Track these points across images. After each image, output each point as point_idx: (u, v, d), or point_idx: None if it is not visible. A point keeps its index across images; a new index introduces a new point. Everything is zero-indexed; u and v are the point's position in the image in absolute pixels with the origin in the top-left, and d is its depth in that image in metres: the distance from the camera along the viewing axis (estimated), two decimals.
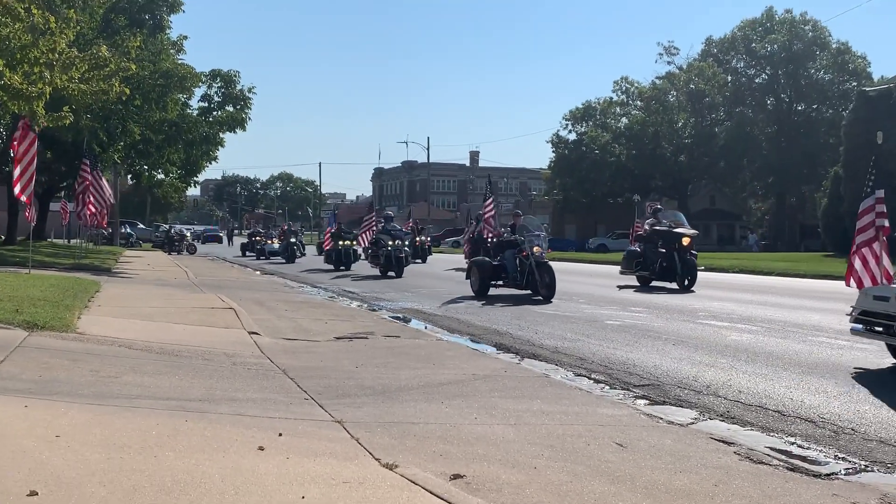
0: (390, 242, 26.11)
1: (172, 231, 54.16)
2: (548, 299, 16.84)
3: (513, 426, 5.99)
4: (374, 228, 28.08)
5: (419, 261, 36.95)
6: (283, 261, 37.72)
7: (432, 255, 43.55)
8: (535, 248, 17.49)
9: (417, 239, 38.84)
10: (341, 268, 30.75)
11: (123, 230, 60.52)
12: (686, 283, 20.09)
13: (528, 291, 17.66)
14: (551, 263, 18.20)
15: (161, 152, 32.11)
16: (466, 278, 18.93)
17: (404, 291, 19.92)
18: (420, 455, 5.04)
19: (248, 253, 47.51)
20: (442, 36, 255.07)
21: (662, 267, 20.52)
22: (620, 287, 21.21)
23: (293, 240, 39.42)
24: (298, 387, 7.23)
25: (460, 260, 38.58)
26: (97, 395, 6.17)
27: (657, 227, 21.37)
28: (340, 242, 31.11)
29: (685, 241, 20.47)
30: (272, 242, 43.34)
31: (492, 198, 23.16)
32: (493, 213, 22.42)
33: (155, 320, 11.69)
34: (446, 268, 31.53)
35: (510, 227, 19.31)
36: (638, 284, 21.49)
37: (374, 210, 30.72)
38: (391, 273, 26.03)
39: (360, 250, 31.79)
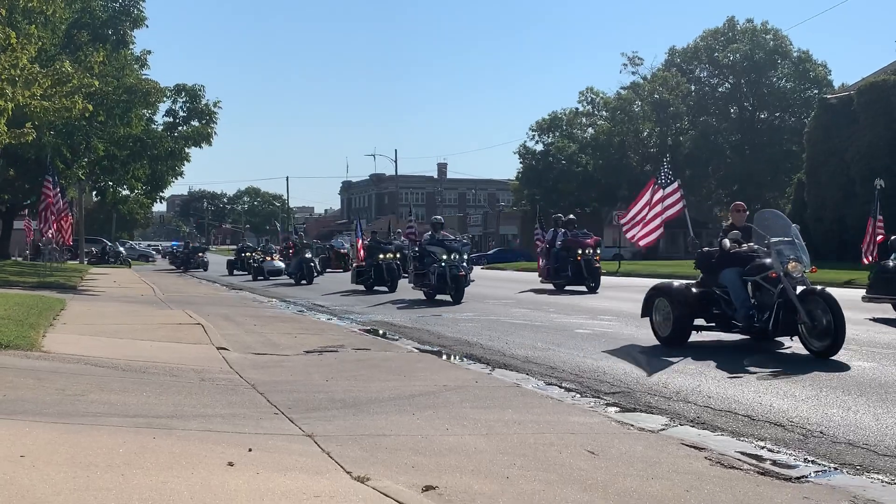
0: (444, 256, 19.60)
1: (190, 246, 51.76)
2: (826, 355, 9.56)
3: (484, 436, 5.97)
4: (415, 238, 22.59)
5: None
6: (293, 282, 29.72)
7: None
8: (791, 265, 10.05)
9: None
10: (379, 288, 24.19)
11: (116, 247, 59.70)
12: None
13: (745, 336, 11.16)
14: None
15: (126, 168, 31.89)
16: (644, 315, 11.72)
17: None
18: (391, 467, 5.01)
19: (236, 271, 40.45)
20: (408, 49, 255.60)
21: None
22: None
23: (308, 255, 30.26)
24: (268, 401, 7.17)
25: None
26: (63, 414, 6.08)
27: None
28: (381, 256, 24.40)
29: None
30: (272, 259, 36.05)
31: (677, 183, 15.44)
32: (681, 205, 14.97)
33: (121, 337, 11.56)
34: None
35: (728, 228, 11.54)
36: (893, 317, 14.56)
37: (410, 219, 23.49)
38: (444, 297, 19.90)
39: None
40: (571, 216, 25.75)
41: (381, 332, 13.99)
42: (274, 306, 20.26)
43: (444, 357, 10.84)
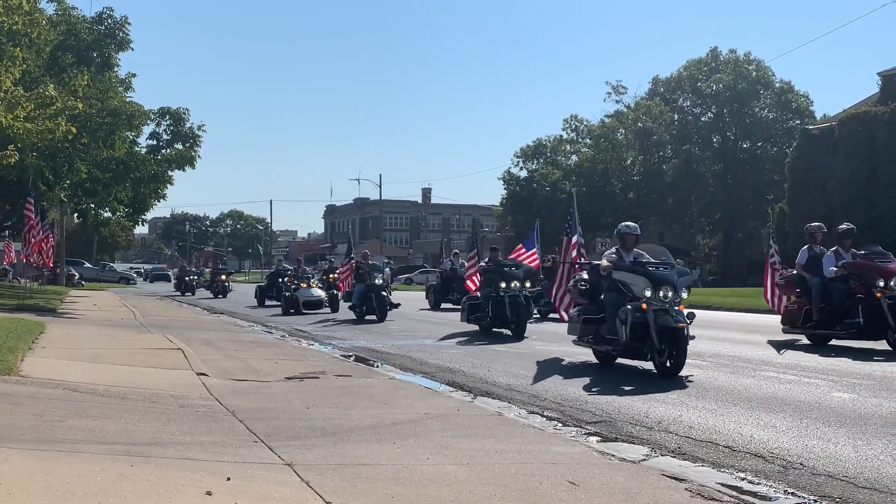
0: (648, 293, 10.94)
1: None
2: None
3: (465, 466, 5.95)
4: (572, 262, 15.02)
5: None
6: (355, 318, 23.03)
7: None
8: None
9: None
10: (500, 331, 17.70)
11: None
12: None
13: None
14: None
15: (108, 190, 31.70)
16: None
17: None
18: (371, 497, 4.98)
19: (269, 301, 32.48)
20: (393, 75, 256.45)
21: None
22: None
23: (378, 281, 23.03)
24: (248, 429, 7.13)
25: None
26: (40, 440, 6.02)
27: None
28: (504, 285, 17.45)
29: None
30: (309, 286, 28.11)
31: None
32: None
33: (101, 362, 11.47)
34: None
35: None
36: None
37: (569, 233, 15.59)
38: (638, 363, 11.74)
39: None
40: (848, 225, 15.43)
41: (363, 358, 13.94)
42: (255, 331, 20.16)
43: (426, 384, 10.80)
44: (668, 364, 10.85)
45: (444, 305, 28.90)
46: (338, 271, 29.28)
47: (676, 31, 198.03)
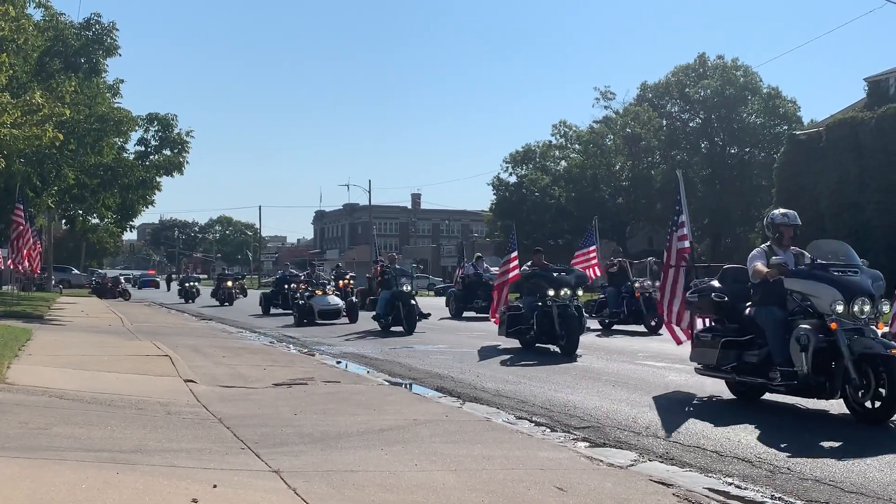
0: (839, 308, 8.10)
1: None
2: None
3: (453, 472, 5.93)
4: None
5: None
6: (380, 329, 20.56)
7: None
8: None
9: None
10: (545, 346, 15.44)
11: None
12: None
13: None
14: None
15: (96, 197, 31.60)
16: None
17: None
18: None
19: (274, 309, 29.75)
20: (382, 79, 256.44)
21: None
22: None
23: (406, 288, 20.72)
24: (235, 436, 7.10)
25: None
26: (25, 448, 5.98)
27: None
28: (552, 293, 15.11)
29: None
30: (325, 293, 25.06)
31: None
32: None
33: (88, 369, 11.41)
34: None
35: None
36: None
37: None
38: (795, 399, 8.94)
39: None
40: None
41: (351, 364, 13.91)
42: (244, 337, 20.10)
43: (415, 390, 10.79)
44: (873, 406, 7.85)
45: (465, 314, 26.65)
46: (348, 276, 28.63)
47: (664, 37, 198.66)
